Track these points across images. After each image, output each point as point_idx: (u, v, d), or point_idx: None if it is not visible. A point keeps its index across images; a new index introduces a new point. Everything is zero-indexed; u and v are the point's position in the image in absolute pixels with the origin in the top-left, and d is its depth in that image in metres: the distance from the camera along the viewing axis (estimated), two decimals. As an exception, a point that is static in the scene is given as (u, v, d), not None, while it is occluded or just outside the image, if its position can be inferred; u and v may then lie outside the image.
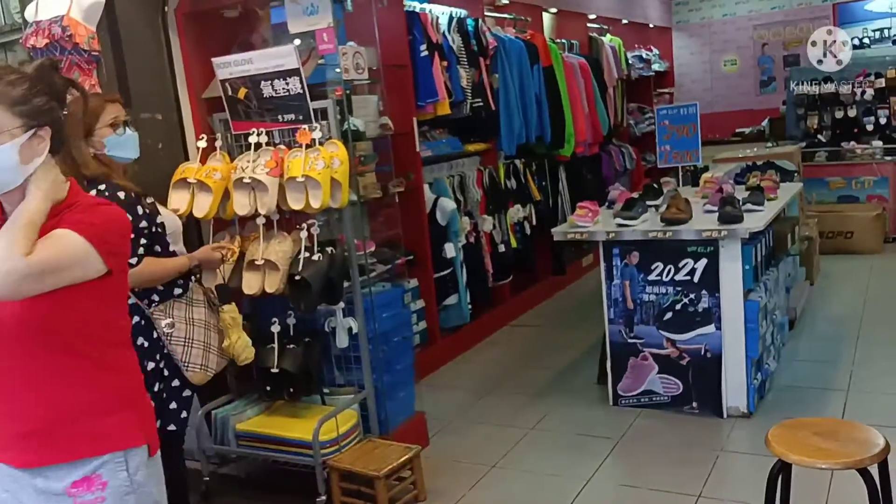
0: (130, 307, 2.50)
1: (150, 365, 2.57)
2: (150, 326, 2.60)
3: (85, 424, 1.64)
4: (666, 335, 3.84)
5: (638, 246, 3.84)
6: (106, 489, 1.64)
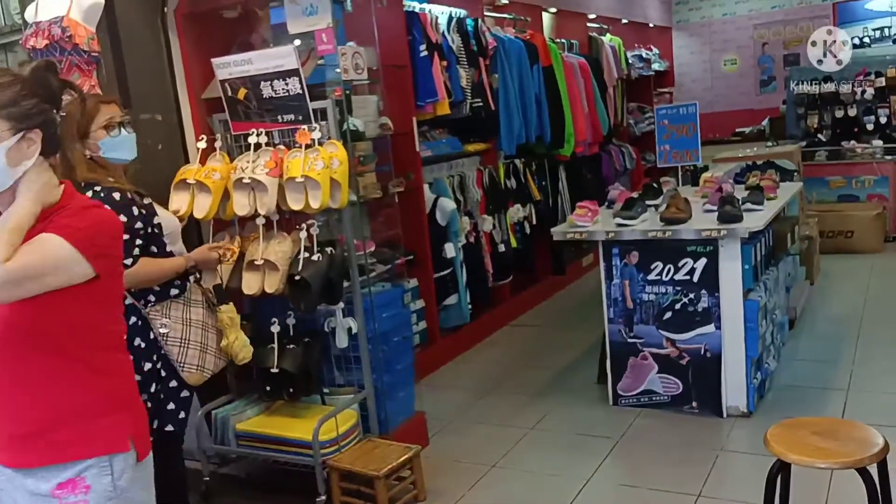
0: (127, 308, 2.49)
1: (146, 366, 2.57)
2: (146, 327, 2.60)
3: (72, 427, 1.64)
4: (666, 335, 3.84)
5: (637, 245, 3.84)
6: (89, 492, 1.64)
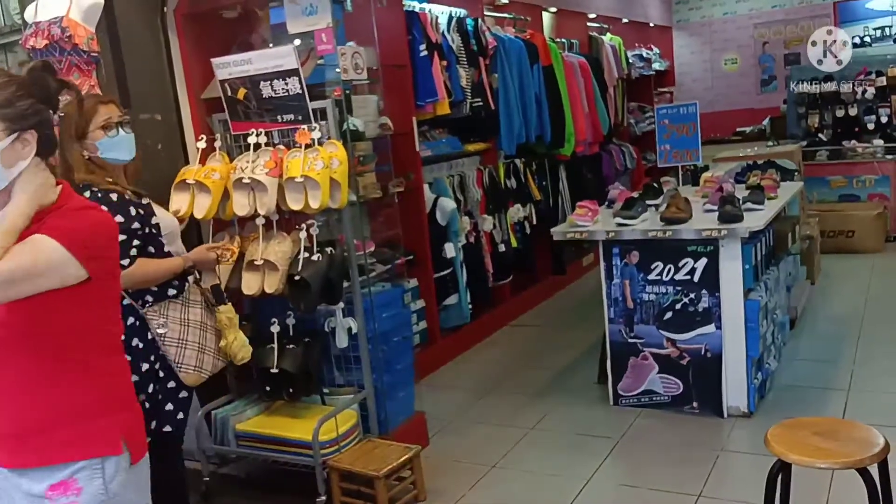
0: (125, 308, 2.49)
1: (144, 366, 2.57)
2: (144, 328, 2.59)
3: (65, 429, 1.64)
4: (666, 335, 3.84)
5: (638, 245, 3.84)
6: (80, 495, 1.64)
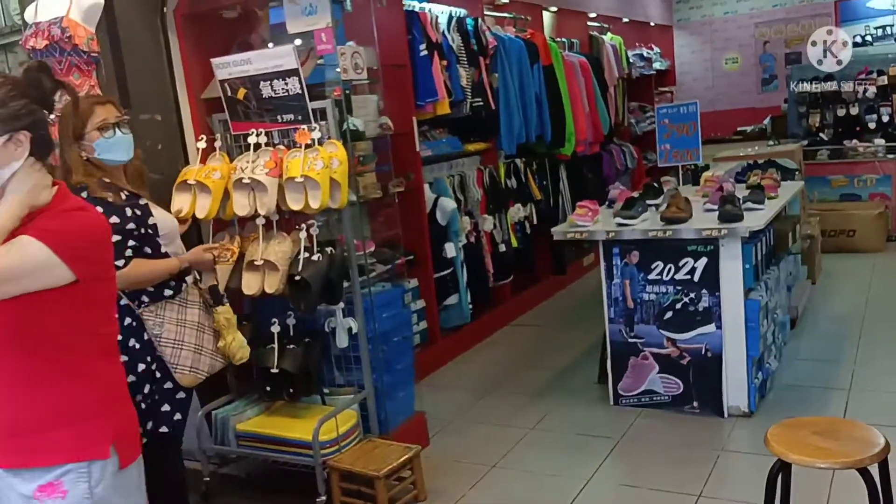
0: (122, 309, 2.49)
1: (140, 367, 2.56)
2: (141, 328, 2.59)
3: (53, 431, 1.64)
4: (666, 334, 3.83)
5: (638, 245, 3.83)
6: (66, 498, 1.64)
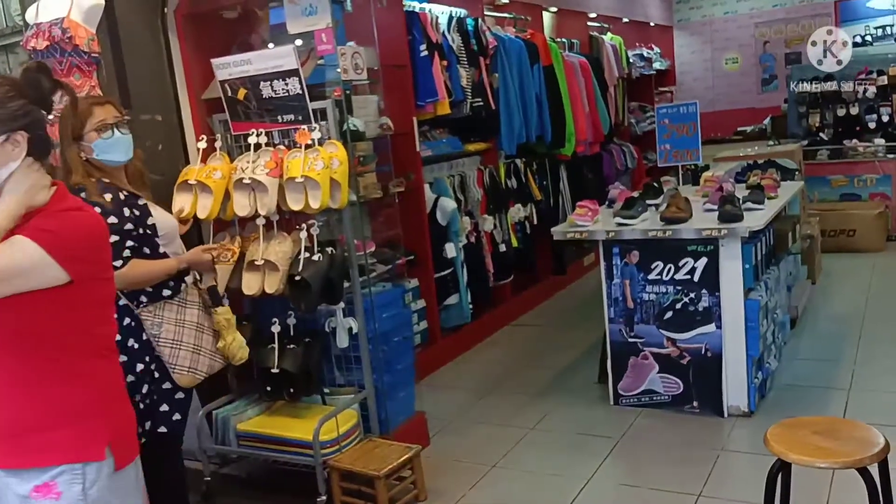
0: (120, 309, 2.50)
1: (139, 367, 2.56)
2: (140, 328, 2.59)
3: (49, 431, 1.64)
4: (666, 334, 3.84)
5: (638, 245, 3.84)
6: (60, 499, 1.64)
